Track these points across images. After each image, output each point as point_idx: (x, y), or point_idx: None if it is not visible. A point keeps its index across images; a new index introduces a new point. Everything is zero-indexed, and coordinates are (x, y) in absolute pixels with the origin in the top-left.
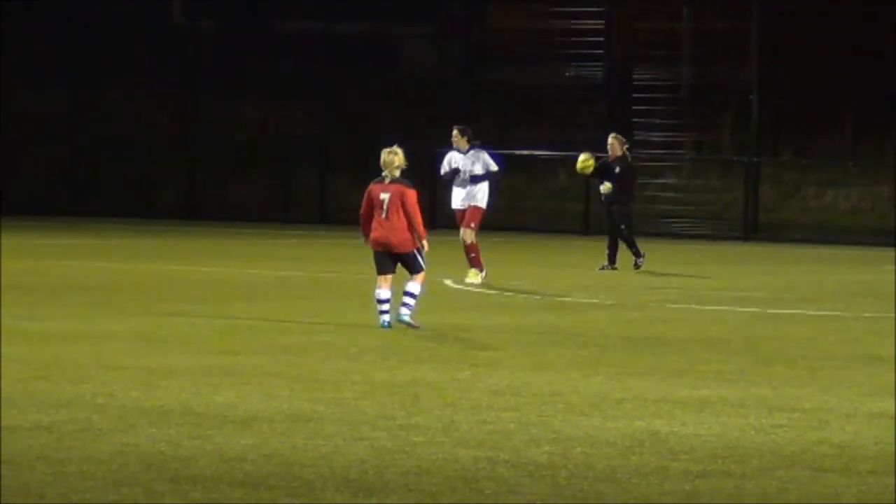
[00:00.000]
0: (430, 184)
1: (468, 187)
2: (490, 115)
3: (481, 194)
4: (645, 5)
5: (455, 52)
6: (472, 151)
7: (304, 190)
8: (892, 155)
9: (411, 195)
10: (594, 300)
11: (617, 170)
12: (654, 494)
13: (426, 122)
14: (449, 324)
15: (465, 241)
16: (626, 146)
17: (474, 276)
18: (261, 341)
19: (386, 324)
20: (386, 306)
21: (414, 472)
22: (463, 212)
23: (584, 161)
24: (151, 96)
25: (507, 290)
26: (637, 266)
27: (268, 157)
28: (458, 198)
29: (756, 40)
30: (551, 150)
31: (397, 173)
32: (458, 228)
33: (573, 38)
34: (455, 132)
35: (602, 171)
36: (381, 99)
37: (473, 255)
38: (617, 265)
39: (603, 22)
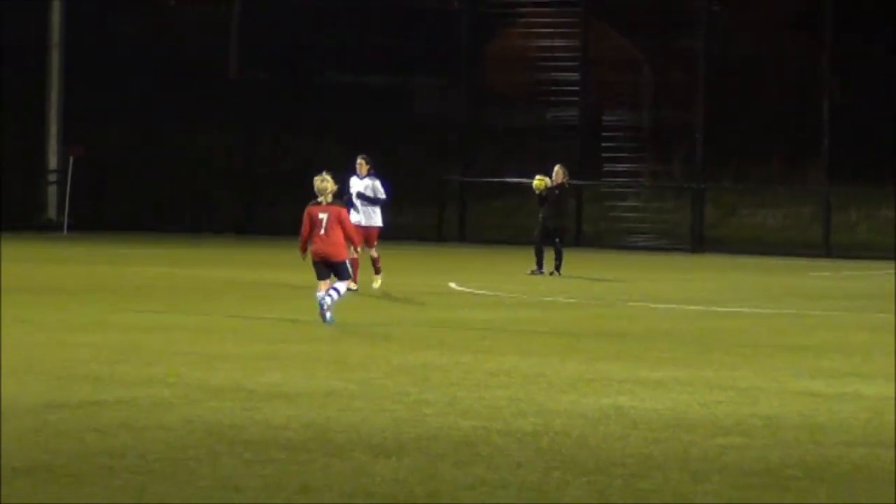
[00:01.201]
0: (440, 204)
1: (363, 208)
2: (487, 150)
3: (377, 216)
4: (612, 62)
5: (459, 99)
6: (367, 178)
7: None
8: (812, 182)
9: (346, 214)
10: (570, 300)
11: (557, 192)
12: (618, 457)
13: (437, 156)
14: (453, 318)
15: (372, 256)
16: (567, 176)
17: (378, 281)
18: (302, 332)
19: (330, 320)
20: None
21: (425, 437)
22: (365, 228)
23: (538, 182)
24: (215, 134)
25: (500, 292)
26: (553, 274)
27: (309, 183)
28: (354, 217)
29: (702, 90)
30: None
31: (330, 197)
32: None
33: (554, 88)
34: (359, 160)
35: (547, 194)
36: (400, 136)
37: (379, 265)
38: (544, 270)
39: (578, 74)
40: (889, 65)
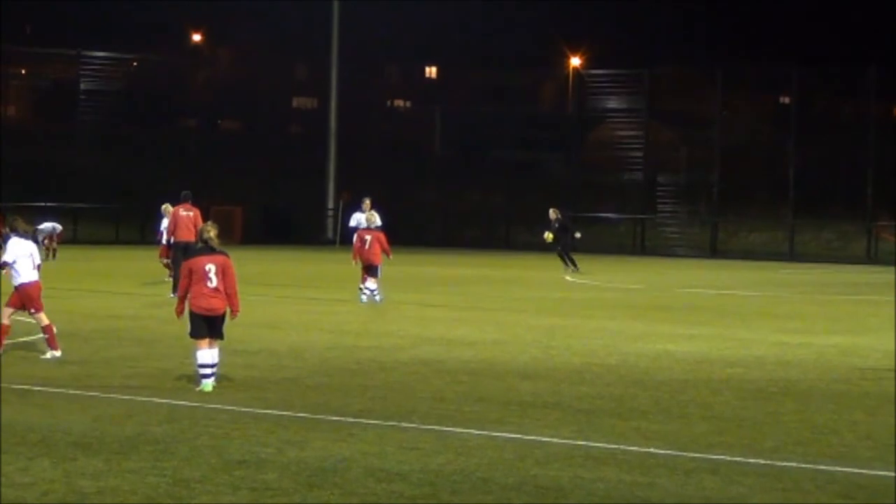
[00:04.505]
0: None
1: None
2: (588, 196)
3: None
4: (662, 145)
5: (571, 167)
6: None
7: (497, 234)
8: (782, 217)
9: (384, 237)
10: (638, 286)
11: (556, 226)
12: (667, 380)
13: (557, 200)
14: (567, 297)
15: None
16: (559, 214)
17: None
18: (475, 305)
19: (365, 300)
20: (368, 292)
21: (551, 368)
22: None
23: (547, 236)
24: (423, 190)
25: (596, 281)
26: (575, 271)
27: (485, 219)
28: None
29: (717, 162)
30: (617, 214)
31: (376, 224)
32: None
33: (627, 160)
34: (366, 201)
35: (555, 231)
36: (534, 189)
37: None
38: (578, 268)
39: (642, 153)
40: (830, 148)
